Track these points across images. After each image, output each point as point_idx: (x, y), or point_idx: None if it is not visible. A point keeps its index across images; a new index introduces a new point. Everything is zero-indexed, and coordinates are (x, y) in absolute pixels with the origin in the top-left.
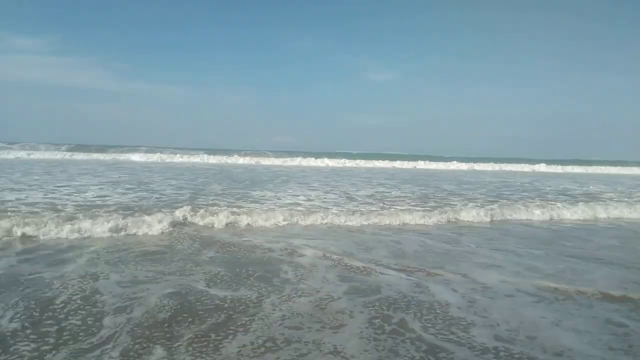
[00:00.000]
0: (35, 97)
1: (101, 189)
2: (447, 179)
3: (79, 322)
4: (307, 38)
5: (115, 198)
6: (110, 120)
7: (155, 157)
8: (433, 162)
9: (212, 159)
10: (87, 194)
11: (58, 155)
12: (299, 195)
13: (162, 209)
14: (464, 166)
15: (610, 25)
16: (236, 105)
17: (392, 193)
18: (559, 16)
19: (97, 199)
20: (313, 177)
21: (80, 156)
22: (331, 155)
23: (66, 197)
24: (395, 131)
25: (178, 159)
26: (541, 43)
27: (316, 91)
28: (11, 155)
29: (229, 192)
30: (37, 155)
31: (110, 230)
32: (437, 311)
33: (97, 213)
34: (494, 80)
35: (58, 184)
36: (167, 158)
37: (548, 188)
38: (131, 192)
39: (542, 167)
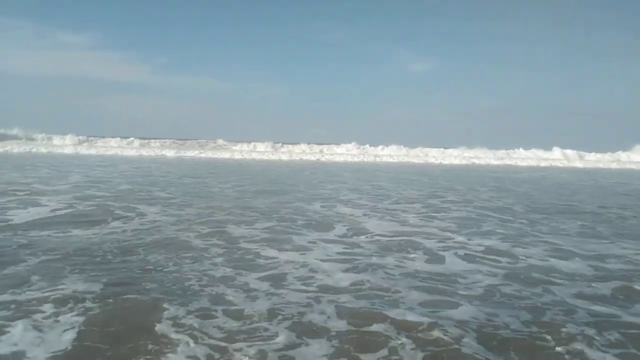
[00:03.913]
0: (79, 91)
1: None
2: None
3: None
4: (342, 30)
5: None
6: (150, 113)
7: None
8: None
9: (258, 154)
10: None
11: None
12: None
13: None
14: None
15: None
16: (272, 97)
17: None
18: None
19: None
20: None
21: (110, 151)
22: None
23: None
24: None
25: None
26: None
27: (353, 83)
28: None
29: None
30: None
31: None
32: None
33: None
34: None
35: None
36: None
37: None
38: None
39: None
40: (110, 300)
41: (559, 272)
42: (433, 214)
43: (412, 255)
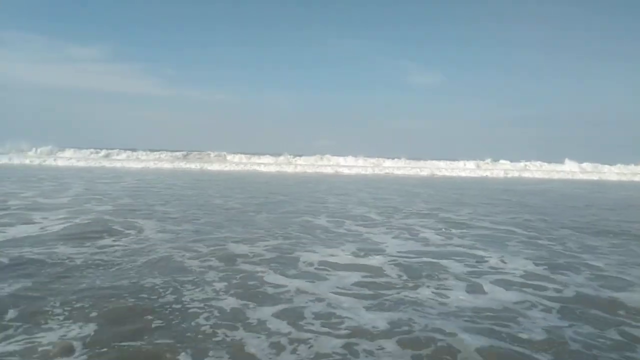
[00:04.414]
0: (87, 103)
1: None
2: None
3: None
4: (351, 43)
5: None
6: (158, 125)
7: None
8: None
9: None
10: None
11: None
12: None
13: None
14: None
15: None
16: (278, 110)
17: None
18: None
19: None
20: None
21: (116, 164)
22: None
23: None
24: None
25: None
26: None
27: (359, 93)
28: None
29: None
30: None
31: None
32: None
33: None
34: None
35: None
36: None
37: None
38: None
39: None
40: (104, 350)
41: (621, 307)
42: (451, 230)
43: (446, 284)
